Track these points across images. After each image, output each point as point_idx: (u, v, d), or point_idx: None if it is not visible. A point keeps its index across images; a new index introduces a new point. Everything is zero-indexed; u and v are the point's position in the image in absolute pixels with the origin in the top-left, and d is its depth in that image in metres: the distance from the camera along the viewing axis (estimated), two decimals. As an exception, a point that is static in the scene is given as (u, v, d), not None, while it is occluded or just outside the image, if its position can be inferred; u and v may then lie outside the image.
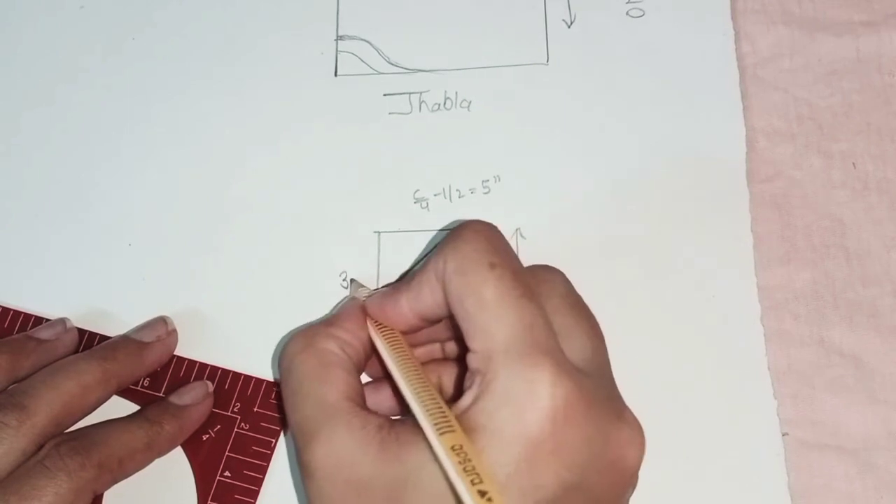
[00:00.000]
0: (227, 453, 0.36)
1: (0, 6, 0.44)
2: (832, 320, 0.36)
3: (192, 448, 0.36)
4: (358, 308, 0.32)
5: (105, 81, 0.42)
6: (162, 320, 0.37)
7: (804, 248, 0.37)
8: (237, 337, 0.38)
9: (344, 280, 0.38)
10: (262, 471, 0.35)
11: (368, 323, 0.32)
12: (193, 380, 0.37)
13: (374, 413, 0.29)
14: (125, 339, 0.36)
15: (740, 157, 0.38)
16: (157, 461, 0.34)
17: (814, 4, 0.40)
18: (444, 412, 0.27)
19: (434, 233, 0.38)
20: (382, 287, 0.37)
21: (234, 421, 0.36)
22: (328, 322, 0.32)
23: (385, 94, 0.41)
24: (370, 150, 0.40)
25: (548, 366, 0.26)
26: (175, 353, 0.37)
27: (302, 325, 0.36)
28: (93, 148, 0.41)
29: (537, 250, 0.37)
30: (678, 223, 0.38)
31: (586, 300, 0.31)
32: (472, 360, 0.28)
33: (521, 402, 0.26)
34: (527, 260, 0.31)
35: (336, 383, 0.29)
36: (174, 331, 0.37)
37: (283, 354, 0.31)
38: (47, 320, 0.38)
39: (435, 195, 0.39)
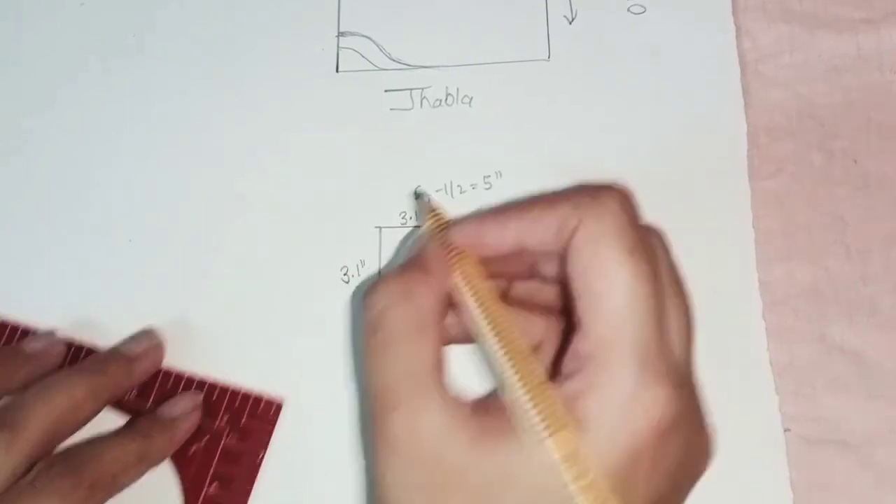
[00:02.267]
0: (214, 466, 0.35)
1: (0, 6, 0.44)
2: (833, 317, 0.36)
3: (180, 460, 0.35)
4: (443, 248, 0.28)
5: (105, 81, 0.42)
6: (148, 332, 0.37)
7: (805, 245, 0.37)
8: (237, 337, 0.37)
9: (345, 275, 0.38)
10: (251, 482, 0.35)
11: (457, 269, 0.28)
12: (181, 391, 0.36)
13: (462, 394, 0.26)
14: (114, 353, 0.36)
15: (741, 153, 0.38)
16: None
17: (814, 1, 0.40)
18: (550, 400, 0.25)
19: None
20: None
21: (221, 433, 0.36)
22: (421, 266, 0.27)
23: (386, 91, 0.41)
24: (371, 146, 0.40)
25: (670, 380, 0.25)
26: (176, 356, 0.37)
27: (390, 270, 0.30)
28: (93, 148, 0.41)
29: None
30: (679, 220, 0.37)
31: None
32: (585, 342, 0.25)
33: (636, 409, 0.24)
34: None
35: (432, 347, 0.26)
36: (161, 343, 0.37)
37: (372, 302, 0.26)
38: (35, 332, 0.37)
39: (436, 191, 0.39)
